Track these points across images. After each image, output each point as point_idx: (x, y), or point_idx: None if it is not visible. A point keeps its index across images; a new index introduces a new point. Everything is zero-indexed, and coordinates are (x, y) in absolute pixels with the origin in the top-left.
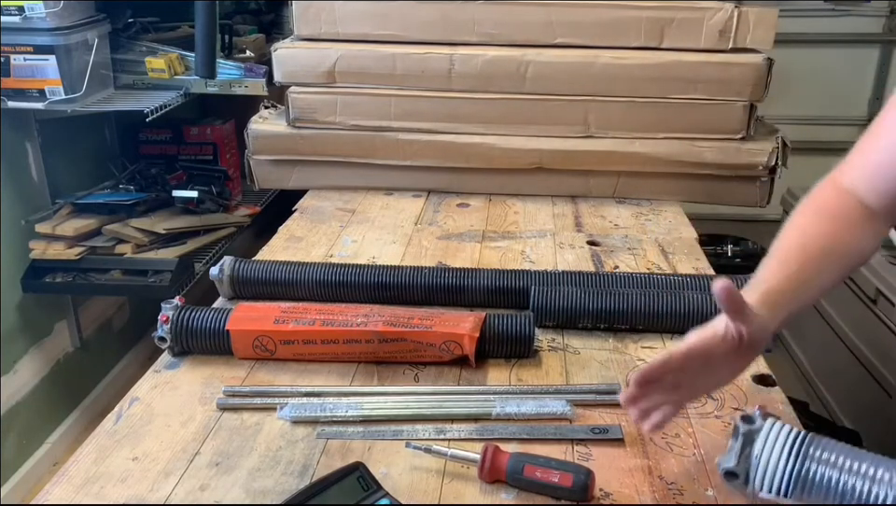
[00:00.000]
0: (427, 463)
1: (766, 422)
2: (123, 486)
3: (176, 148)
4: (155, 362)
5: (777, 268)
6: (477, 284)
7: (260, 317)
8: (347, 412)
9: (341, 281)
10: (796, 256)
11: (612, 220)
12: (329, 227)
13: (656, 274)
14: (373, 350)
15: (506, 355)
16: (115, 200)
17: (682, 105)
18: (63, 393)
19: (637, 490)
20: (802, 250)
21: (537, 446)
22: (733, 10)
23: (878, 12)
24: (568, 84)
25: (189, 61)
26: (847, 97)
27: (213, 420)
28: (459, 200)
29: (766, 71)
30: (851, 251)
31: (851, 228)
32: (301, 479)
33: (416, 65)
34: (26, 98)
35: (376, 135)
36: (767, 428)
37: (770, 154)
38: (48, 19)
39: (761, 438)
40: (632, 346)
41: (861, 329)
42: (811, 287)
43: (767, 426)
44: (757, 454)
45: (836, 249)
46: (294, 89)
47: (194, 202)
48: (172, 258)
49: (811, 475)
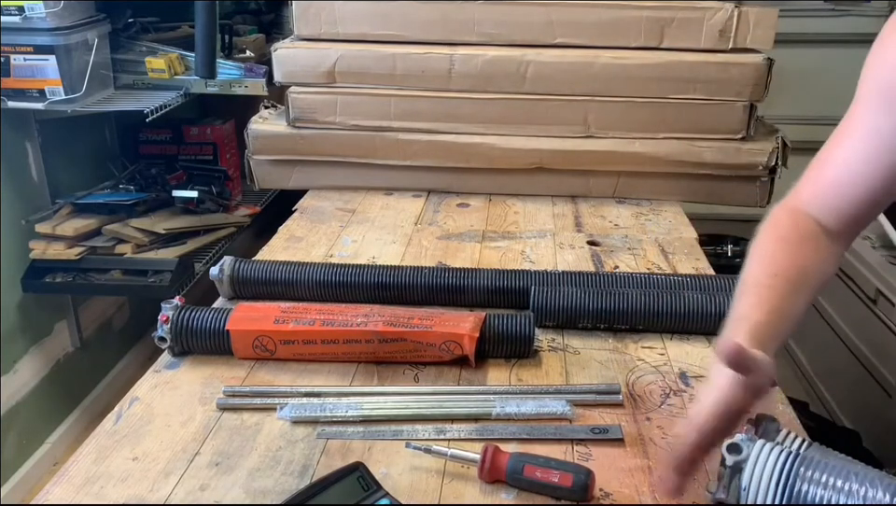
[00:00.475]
0: (427, 463)
1: (754, 448)
2: (123, 486)
3: (176, 148)
4: (155, 362)
5: (757, 303)
6: (477, 284)
7: (260, 317)
8: (347, 412)
9: (341, 281)
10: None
11: (612, 220)
12: (329, 227)
13: (656, 274)
14: (373, 350)
15: (506, 355)
16: (115, 200)
17: (682, 105)
18: (63, 393)
19: (637, 490)
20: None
21: (537, 446)
22: (733, 10)
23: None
24: (568, 84)
25: (189, 61)
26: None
27: (213, 420)
28: (459, 200)
29: (766, 71)
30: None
31: (816, 252)
32: (301, 479)
33: (416, 65)
34: (26, 98)
35: (376, 135)
36: (755, 455)
37: (770, 154)
38: (48, 19)
39: (748, 466)
40: (632, 346)
41: (861, 329)
42: (790, 317)
43: (755, 453)
44: (745, 486)
45: (807, 277)
46: (294, 89)
47: (194, 202)
48: (172, 258)
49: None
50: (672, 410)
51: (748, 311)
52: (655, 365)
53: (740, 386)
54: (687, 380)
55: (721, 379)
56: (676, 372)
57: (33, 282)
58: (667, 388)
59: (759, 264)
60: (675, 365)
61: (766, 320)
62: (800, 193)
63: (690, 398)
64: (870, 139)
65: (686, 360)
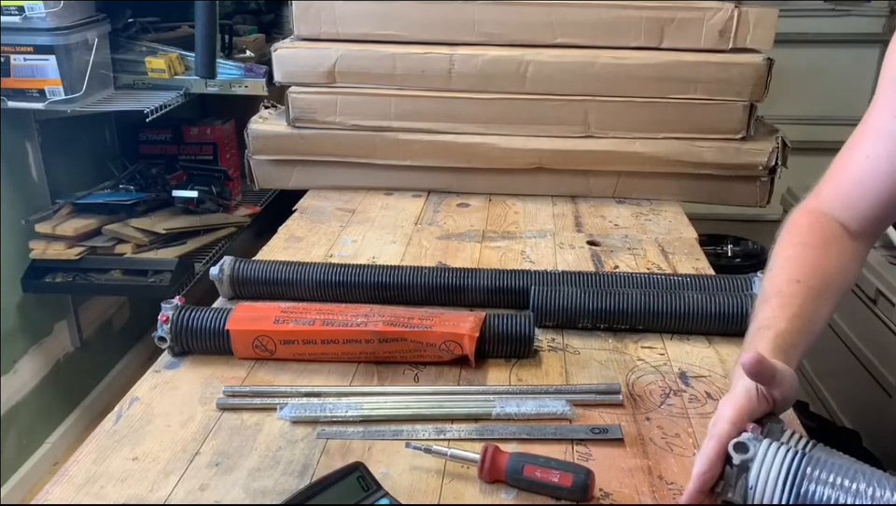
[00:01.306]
0: (427, 463)
1: (761, 447)
2: (123, 486)
3: (176, 148)
4: (155, 362)
5: (780, 309)
6: (477, 284)
7: (260, 317)
8: (347, 412)
9: (341, 281)
10: (793, 295)
11: (612, 220)
12: (329, 227)
13: (656, 274)
14: (373, 350)
15: (506, 355)
16: (115, 200)
17: (682, 105)
18: (63, 393)
19: (637, 490)
20: (798, 288)
21: (537, 446)
22: (733, 10)
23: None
24: (568, 84)
25: (189, 61)
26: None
27: (213, 420)
28: (459, 200)
29: (766, 71)
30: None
31: (839, 256)
32: (301, 479)
33: (416, 65)
34: (26, 98)
35: (376, 135)
36: (762, 454)
37: (770, 154)
38: (48, 19)
39: (755, 465)
40: (632, 346)
41: (861, 329)
42: (813, 323)
43: (762, 452)
44: (752, 485)
45: (830, 281)
46: (294, 89)
47: (194, 202)
48: (172, 258)
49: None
50: (672, 410)
51: (770, 319)
52: (655, 365)
53: (762, 396)
54: (687, 380)
55: (742, 389)
56: (676, 372)
57: (33, 282)
58: (667, 388)
59: (780, 270)
60: (675, 365)
61: (789, 328)
62: (820, 194)
63: (690, 398)
64: (890, 137)
65: (686, 360)
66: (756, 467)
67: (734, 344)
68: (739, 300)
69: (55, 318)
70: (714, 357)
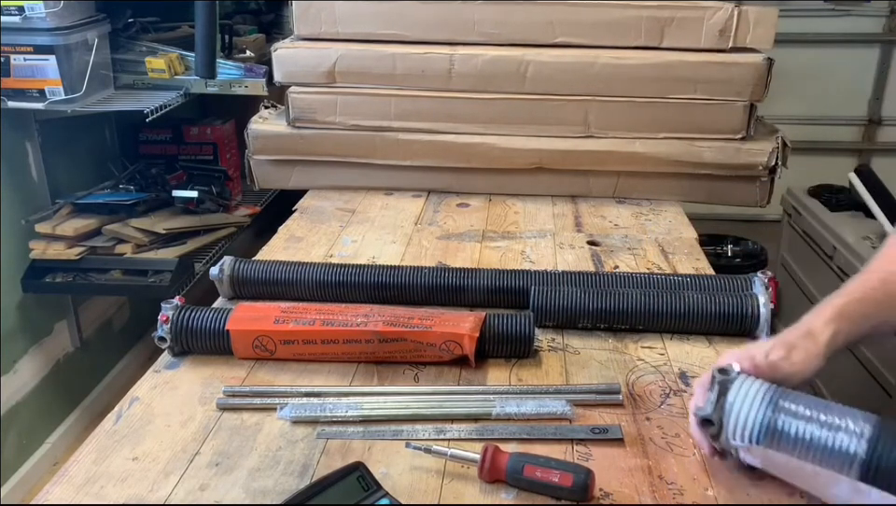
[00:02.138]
0: (427, 463)
1: (741, 376)
2: (123, 486)
3: (176, 148)
4: (155, 362)
5: (859, 284)
6: (477, 284)
7: (260, 317)
8: (347, 412)
9: (341, 281)
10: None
11: (612, 220)
12: (329, 227)
13: (656, 274)
14: (373, 350)
15: (506, 355)
16: (115, 200)
17: (682, 105)
18: (63, 393)
19: (637, 490)
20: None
21: (537, 446)
22: (733, 10)
23: (878, 12)
24: (568, 84)
25: (189, 61)
26: (847, 97)
27: (213, 420)
28: (459, 200)
29: (766, 71)
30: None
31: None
32: (301, 479)
33: (416, 65)
34: (26, 98)
35: (376, 135)
36: (741, 379)
37: (770, 154)
38: (48, 19)
39: (734, 388)
40: (632, 346)
41: None
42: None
43: (741, 378)
44: (731, 402)
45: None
46: (294, 89)
47: (194, 202)
48: (172, 258)
49: (780, 425)
50: (672, 410)
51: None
52: (655, 365)
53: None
54: (687, 380)
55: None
56: (676, 372)
57: (33, 282)
58: (667, 388)
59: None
60: (675, 365)
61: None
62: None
63: (690, 397)
64: None
65: (686, 360)
66: (734, 391)
67: (734, 344)
68: (739, 300)
69: (55, 318)
70: (714, 357)
